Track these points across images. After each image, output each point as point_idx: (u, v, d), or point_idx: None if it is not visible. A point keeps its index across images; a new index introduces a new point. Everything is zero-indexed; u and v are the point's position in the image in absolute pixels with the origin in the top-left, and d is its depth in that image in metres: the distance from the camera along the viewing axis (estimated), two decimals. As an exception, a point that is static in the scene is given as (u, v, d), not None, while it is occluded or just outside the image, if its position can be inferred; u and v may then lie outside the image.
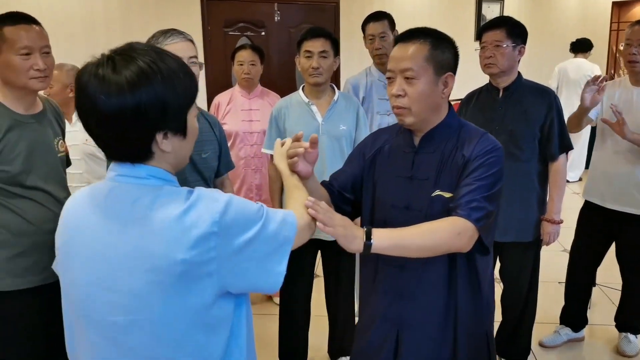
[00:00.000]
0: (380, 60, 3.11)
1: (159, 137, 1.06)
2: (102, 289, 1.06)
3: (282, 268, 1.13)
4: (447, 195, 1.51)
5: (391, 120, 3.07)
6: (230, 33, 5.93)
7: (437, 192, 1.52)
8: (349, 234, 1.30)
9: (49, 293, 1.97)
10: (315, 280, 2.77)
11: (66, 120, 3.11)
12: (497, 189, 1.49)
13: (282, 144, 1.51)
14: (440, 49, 1.52)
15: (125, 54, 1.03)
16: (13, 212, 1.87)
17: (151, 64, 1.02)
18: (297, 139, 1.47)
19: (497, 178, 1.49)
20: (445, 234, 1.40)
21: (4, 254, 1.86)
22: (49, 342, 2.04)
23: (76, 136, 2.95)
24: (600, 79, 2.62)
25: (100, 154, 2.92)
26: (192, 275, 1.03)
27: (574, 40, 6.24)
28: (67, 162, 2.14)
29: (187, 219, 1.02)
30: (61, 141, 2.06)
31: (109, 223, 1.07)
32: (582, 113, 2.72)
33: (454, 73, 1.56)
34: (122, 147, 1.07)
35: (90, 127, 1.06)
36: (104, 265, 1.06)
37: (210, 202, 1.06)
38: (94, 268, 1.07)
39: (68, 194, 2.06)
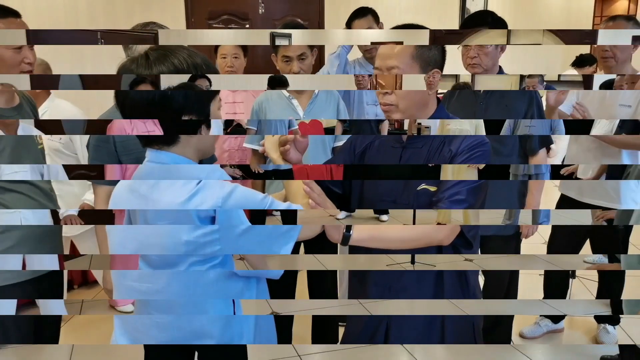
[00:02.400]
0: (370, 54, 3.13)
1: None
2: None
3: (285, 252, 1.21)
4: (432, 188, 1.52)
5: (379, 111, 3.08)
6: (214, 25, 5.88)
7: (423, 186, 1.53)
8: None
9: (38, 286, 1.97)
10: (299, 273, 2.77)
11: None
12: (481, 183, 1.50)
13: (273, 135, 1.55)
14: (426, 46, 1.53)
15: (159, 50, 1.19)
16: (0, 205, 1.85)
17: (182, 60, 1.18)
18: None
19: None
20: (424, 227, 1.42)
21: None
22: (38, 333, 2.04)
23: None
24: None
25: (66, 149, 2.82)
26: (196, 254, 1.17)
27: (578, 55, 6.02)
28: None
29: (191, 204, 1.14)
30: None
31: (137, 202, 1.23)
32: (549, 112, 2.73)
33: (441, 69, 1.57)
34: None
35: (126, 114, 1.21)
36: (135, 238, 1.23)
37: (215, 189, 1.16)
38: (129, 238, 1.24)
39: (51, 186, 2.05)
